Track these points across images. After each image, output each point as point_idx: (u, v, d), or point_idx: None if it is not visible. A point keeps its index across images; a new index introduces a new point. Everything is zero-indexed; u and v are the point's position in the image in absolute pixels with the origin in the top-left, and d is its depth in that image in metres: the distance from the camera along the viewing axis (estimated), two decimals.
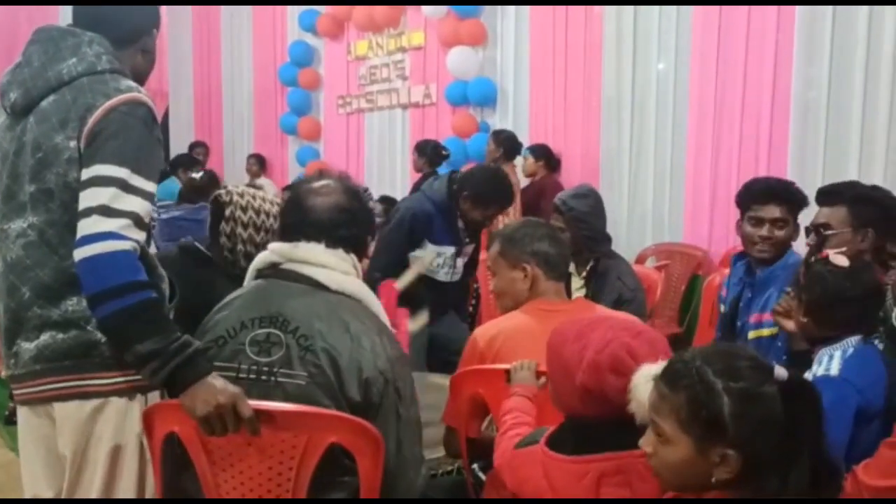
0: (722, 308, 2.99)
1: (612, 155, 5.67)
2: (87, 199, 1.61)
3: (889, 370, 1.95)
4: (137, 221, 1.64)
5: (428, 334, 3.67)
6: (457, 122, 6.57)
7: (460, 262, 3.65)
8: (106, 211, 1.60)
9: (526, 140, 5.99)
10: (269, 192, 8.23)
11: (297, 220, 1.83)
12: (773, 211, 2.64)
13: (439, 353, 3.68)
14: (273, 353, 1.68)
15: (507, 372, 1.93)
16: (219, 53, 9.20)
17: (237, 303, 1.81)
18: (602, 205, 3.36)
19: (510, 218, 5.25)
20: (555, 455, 1.52)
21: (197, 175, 5.82)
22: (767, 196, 2.66)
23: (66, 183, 1.67)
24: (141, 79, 1.86)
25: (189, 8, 9.45)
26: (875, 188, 2.63)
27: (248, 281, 1.90)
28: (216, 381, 1.61)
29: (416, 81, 7.11)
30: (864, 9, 4.32)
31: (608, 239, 3.36)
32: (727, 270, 3.81)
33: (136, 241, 1.63)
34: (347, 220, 1.83)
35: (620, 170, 5.63)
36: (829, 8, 4.45)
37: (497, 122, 6.43)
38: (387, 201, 6.01)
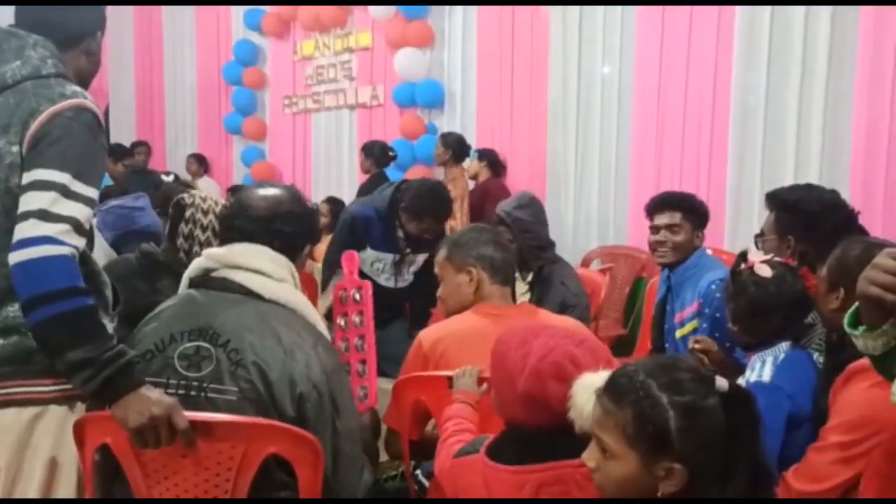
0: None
1: (559, 157, 5.72)
2: (27, 203, 1.58)
3: (818, 375, 2.00)
4: (77, 227, 1.60)
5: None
6: (404, 123, 6.55)
7: (406, 269, 3.67)
8: (44, 215, 1.56)
9: (473, 142, 6.00)
10: (212, 193, 8.18)
11: (236, 218, 1.81)
12: (665, 218, 2.91)
13: (383, 360, 3.69)
14: (203, 368, 1.65)
15: (450, 378, 1.92)
16: (161, 51, 9.01)
17: (166, 314, 1.77)
18: (544, 212, 3.45)
19: (458, 222, 5.26)
20: (494, 465, 1.52)
21: (168, 178, 5.85)
22: (661, 205, 2.96)
23: (8, 188, 1.64)
24: (85, 82, 1.84)
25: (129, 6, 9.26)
26: (807, 190, 2.66)
27: (182, 289, 1.85)
28: (150, 392, 1.57)
29: (363, 82, 7.07)
30: (801, 14, 4.43)
31: (552, 244, 3.42)
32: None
33: (75, 247, 1.59)
34: (287, 217, 1.82)
35: (566, 172, 5.68)
36: (768, 13, 4.56)
37: (445, 124, 6.42)
38: (333, 202, 5.98)
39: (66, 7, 1.80)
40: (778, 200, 2.57)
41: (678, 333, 2.84)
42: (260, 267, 1.76)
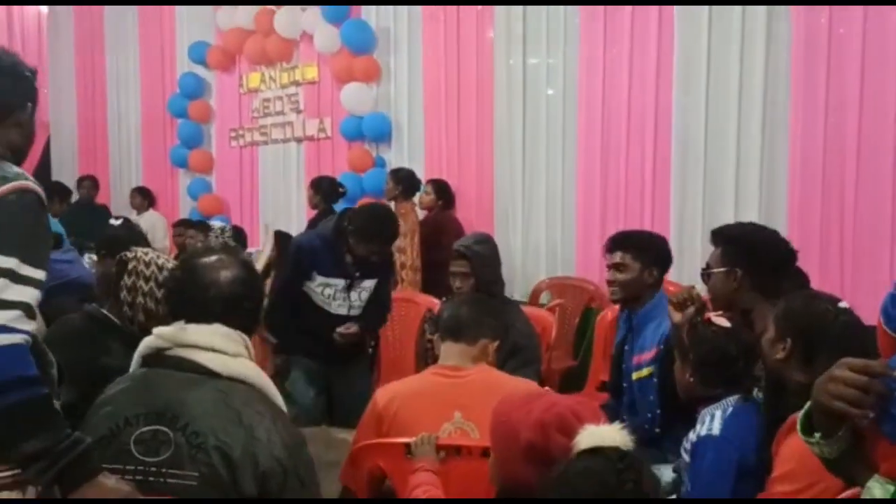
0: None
1: (506, 188, 5.80)
2: None
3: (764, 426, 2.07)
4: (27, 311, 1.58)
5: (325, 385, 3.70)
6: (352, 156, 6.58)
7: (356, 294, 3.70)
8: None
9: (421, 174, 6.05)
10: (158, 226, 8.02)
11: (190, 298, 1.79)
12: (614, 257, 3.00)
13: (338, 403, 3.71)
14: (161, 453, 1.63)
15: (408, 445, 1.95)
16: (104, 84, 8.88)
17: (121, 397, 1.74)
18: (498, 252, 3.51)
19: (408, 257, 5.30)
20: None
21: (116, 222, 5.75)
22: (610, 244, 3.06)
23: None
24: (18, 155, 1.80)
25: (71, 35, 9.12)
26: (755, 227, 2.75)
27: (134, 368, 1.82)
28: (107, 479, 1.57)
29: (310, 115, 7.08)
30: (737, 36, 4.60)
31: (503, 285, 3.48)
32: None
33: (27, 332, 1.58)
34: (247, 294, 1.81)
35: (514, 204, 5.76)
36: (705, 37, 4.72)
37: (392, 157, 6.47)
38: (281, 236, 5.95)
39: None
40: (724, 235, 2.63)
41: (634, 376, 2.89)
42: (215, 345, 1.73)
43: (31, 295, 1.60)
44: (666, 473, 2.27)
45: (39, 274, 1.63)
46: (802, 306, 1.95)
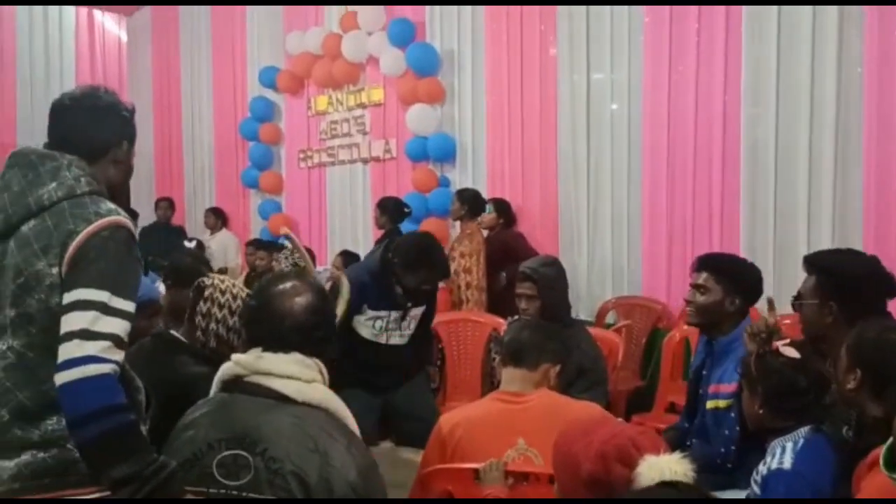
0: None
1: (570, 207, 5.79)
2: (69, 323, 1.66)
3: (838, 458, 2.02)
4: (118, 342, 1.68)
5: (382, 404, 3.73)
6: (417, 177, 6.66)
7: (406, 324, 3.73)
8: (86, 335, 1.64)
9: (486, 194, 6.08)
10: (230, 245, 8.26)
11: (266, 327, 1.83)
12: (698, 277, 2.87)
13: (402, 424, 3.73)
14: (241, 477, 1.69)
15: (476, 471, 1.98)
16: (179, 110, 9.22)
17: (204, 421, 1.80)
18: (566, 276, 3.50)
19: (474, 277, 5.33)
20: None
21: (190, 244, 5.97)
22: (696, 264, 2.93)
23: (48, 308, 1.71)
24: (115, 189, 1.92)
25: (149, 61, 9.49)
26: (854, 255, 2.63)
27: (214, 391, 1.89)
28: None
29: (376, 136, 7.20)
30: (807, 47, 4.51)
31: (570, 308, 3.48)
32: (685, 325, 3.95)
33: (116, 362, 1.67)
34: (320, 323, 1.85)
35: (579, 222, 5.74)
36: (774, 49, 4.65)
37: (457, 176, 6.53)
38: (348, 255, 6.06)
39: (91, 122, 1.88)
40: (821, 264, 2.48)
41: (710, 404, 2.79)
42: (291, 372, 1.79)
43: (121, 326, 1.69)
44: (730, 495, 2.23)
45: (129, 306, 1.73)
46: (874, 336, 1.90)
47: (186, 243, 5.99)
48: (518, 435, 2.18)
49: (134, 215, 7.87)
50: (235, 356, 1.86)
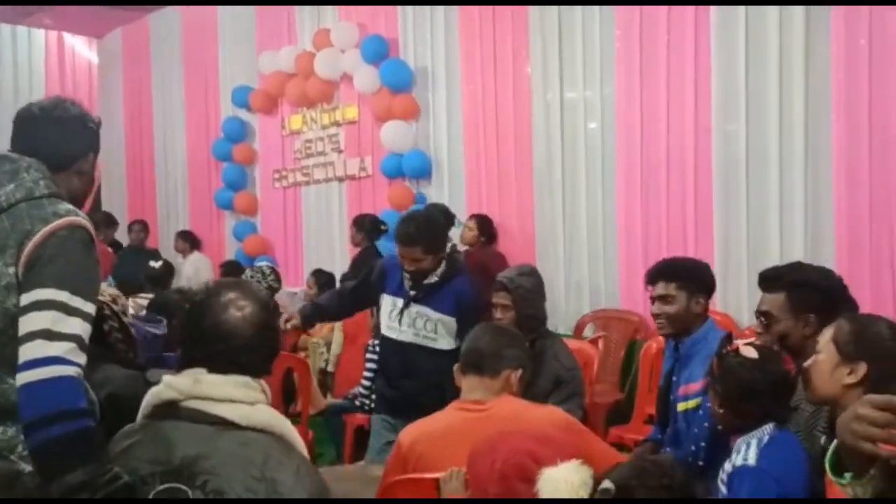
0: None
1: (547, 222, 5.79)
2: (29, 323, 1.62)
3: (810, 456, 2.00)
4: (80, 344, 1.64)
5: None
6: (393, 194, 6.63)
7: (411, 319, 3.46)
8: (49, 335, 1.61)
9: (462, 210, 6.07)
10: (203, 269, 8.16)
11: (208, 347, 1.65)
12: (658, 288, 2.85)
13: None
14: None
15: (437, 480, 1.93)
16: (151, 130, 9.15)
17: (133, 452, 1.61)
18: (543, 285, 3.46)
19: None
20: None
21: (156, 264, 5.92)
22: (654, 276, 2.90)
23: (4, 309, 1.69)
24: (78, 201, 1.90)
25: (120, 83, 9.42)
26: (812, 269, 2.64)
27: (141, 417, 1.69)
28: None
29: (351, 154, 7.18)
30: (775, 60, 4.57)
31: (545, 318, 3.43)
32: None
33: (80, 366, 1.63)
34: (265, 338, 1.69)
35: (555, 237, 5.74)
36: (742, 61, 4.70)
37: (433, 193, 6.51)
38: (321, 274, 6.01)
39: (59, 133, 1.87)
40: (787, 280, 2.48)
41: (680, 407, 2.79)
42: (233, 395, 1.63)
43: (82, 328, 1.66)
44: None
45: (89, 307, 1.69)
46: (876, 328, 1.85)
47: (152, 263, 5.90)
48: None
49: (112, 221, 7.83)
50: (168, 378, 1.67)
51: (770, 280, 2.54)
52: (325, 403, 4.70)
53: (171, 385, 1.65)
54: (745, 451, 2.01)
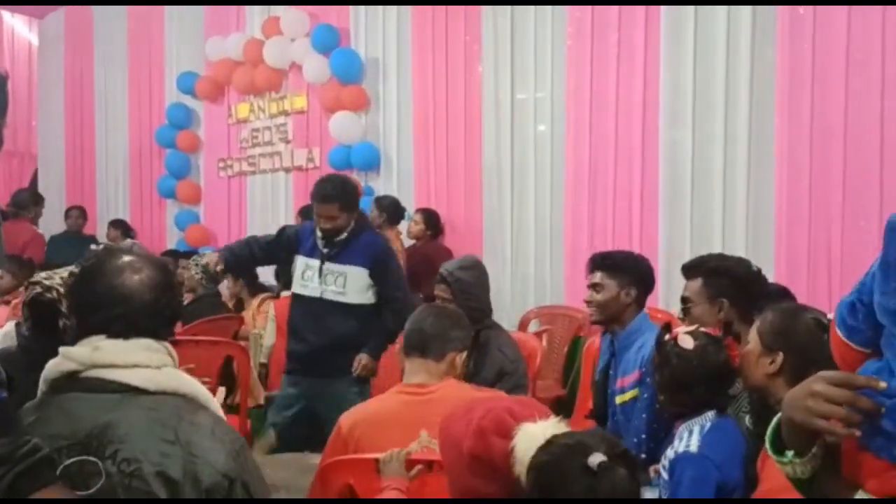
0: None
1: (494, 218, 5.79)
2: None
3: (746, 442, 2.02)
4: None
5: (304, 411, 3.61)
6: None
7: (331, 278, 3.65)
8: None
9: (410, 204, 6.02)
10: None
11: (106, 312, 1.56)
12: (593, 277, 2.97)
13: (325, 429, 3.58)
14: (91, 486, 1.46)
15: (377, 461, 1.88)
16: (92, 115, 8.86)
17: (36, 429, 1.50)
18: (486, 277, 3.45)
19: None
20: None
21: (98, 247, 5.74)
22: (589, 265, 3.03)
23: None
24: None
25: (61, 65, 9.12)
26: (731, 259, 2.82)
27: (41, 392, 1.59)
28: (62, 491, 1.49)
29: (298, 145, 7.06)
30: (721, 66, 4.65)
31: (490, 310, 3.41)
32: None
33: None
34: (167, 301, 1.62)
35: (503, 233, 5.74)
36: (690, 68, 4.77)
37: (381, 186, 6.44)
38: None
39: None
40: (705, 268, 2.66)
41: (618, 400, 2.83)
42: (137, 360, 1.56)
43: None
44: (648, 494, 2.20)
45: None
46: (795, 320, 1.91)
47: (93, 247, 5.71)
48: (421, 427, 2.07)
49: (39, 198, 7.56)
50: (64, 349, 1.58)
51: (690, 268, 2.73)
52: (263, 396, 4.61)
53: (68, 356, 1.55)
54: (688, 438, 2.02)
